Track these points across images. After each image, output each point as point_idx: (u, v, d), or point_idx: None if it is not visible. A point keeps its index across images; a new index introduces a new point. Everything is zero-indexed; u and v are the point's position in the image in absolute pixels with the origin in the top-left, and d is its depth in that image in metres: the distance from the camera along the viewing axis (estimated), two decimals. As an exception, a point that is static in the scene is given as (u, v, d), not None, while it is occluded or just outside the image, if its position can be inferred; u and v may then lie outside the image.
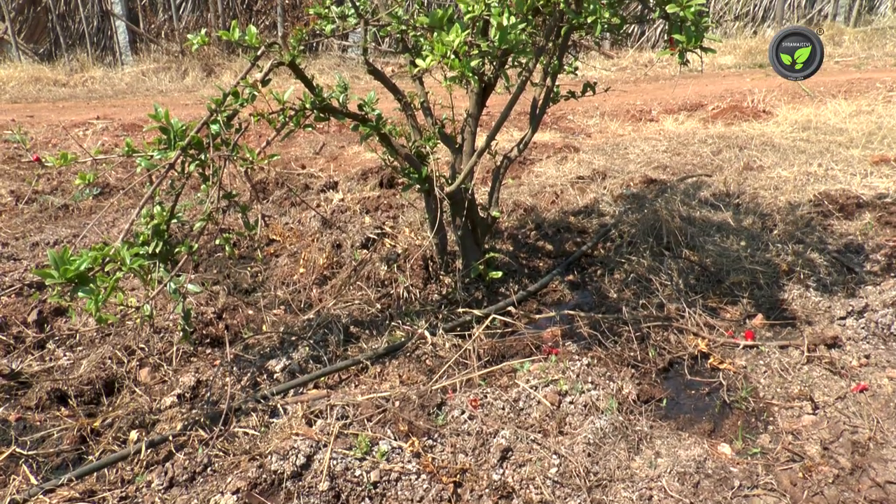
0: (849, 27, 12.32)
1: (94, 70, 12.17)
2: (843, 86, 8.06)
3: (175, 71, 12.01)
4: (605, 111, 7.52)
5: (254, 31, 2.29)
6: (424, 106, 3.17)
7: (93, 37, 13.10)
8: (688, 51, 2.26)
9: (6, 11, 12.53)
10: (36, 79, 11.45)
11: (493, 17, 2.09)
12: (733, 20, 12.97)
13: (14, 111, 8.89)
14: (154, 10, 13.00)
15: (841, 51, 11.41)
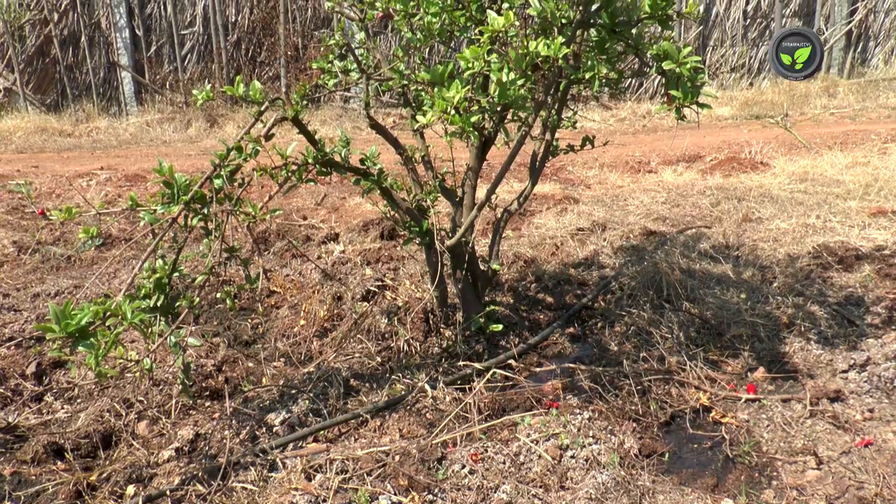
0: (843, 79, 12.51)
1: (100, 120, 12.33)
2: (838, 137, 8.15)
3: (179, 121, 12.17)
4: (604, 162, 7.59)
5: (258, 87, 2.33)
6: (425, 159, 3.21)
7: (99, 87, 13.30)
8: (684, 106, 2.29)
9: (16, 63, 12.75)
10: (42, 129, 11.59)
11: (493, 72, 2.13)
12: (729, 72, 13.18)
13: (19, 161, 8.98)
14: (160, 62, 13.23)
15: (836, 102, 11.57)
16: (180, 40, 13.07)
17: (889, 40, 13.05)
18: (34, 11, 12.86)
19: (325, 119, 11.54)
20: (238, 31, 12.97)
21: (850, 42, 12.88)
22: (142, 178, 7.37)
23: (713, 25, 13.02)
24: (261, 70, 13.08)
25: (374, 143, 3.15)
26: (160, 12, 13.10)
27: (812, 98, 11.73)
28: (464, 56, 1.96)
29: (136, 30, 13.05)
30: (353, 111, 12.02)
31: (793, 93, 11.91)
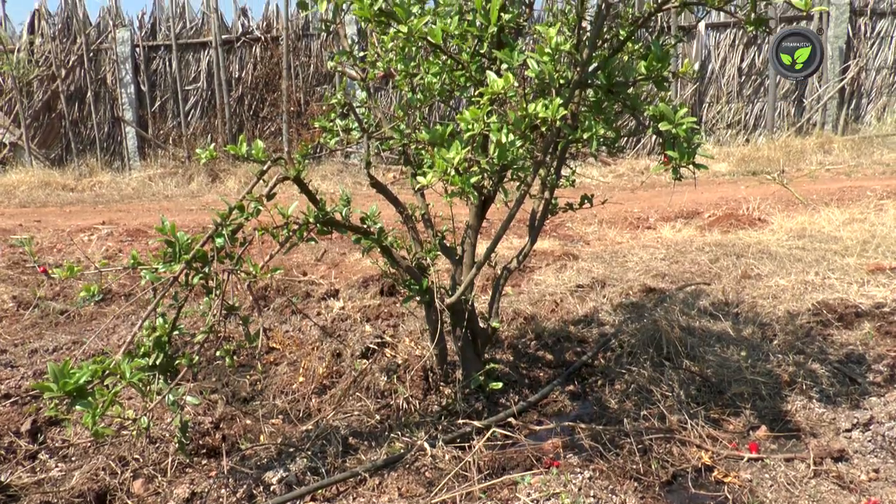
0: (837, 135, 12.67)
1: (103, 175, 12.45)
2: (834, 194, 8.22)
3: (181, 176, 12.29)
4: (603, 218, 7.64)
5: (260, 146, 2.36)
6: (425, 217, 3.24)
7: (103, 142, 13.48)
8: (681, 166, 2.32)
9: (23, 118, 12.93)
10: (45, 183, 11.70)
11: (493, 132, 2.16)
12: (725, 128, 13.35)
13: (22, 216, 9.03)
14: (163, 117, 13.42)
15: (831, 158, 11.70)
16: (184, 96, 13.28)
17: (881, 97, 13.26)
18: (42, 68, 13.10)
19: (325, 174, 11.65)
20: (241, 86, 13.18)
21: (843, 99, 13.09)
22: (143, 233, 7.41)
23: (709, 82, 13.25)
24: (263, 125, 13.25)
25: (374, 198, 3.18)
26: (165, 68, 13.34)
27: (808, 154, 11.86)
28: (464, 117, 1.99)
29: (141, 85, 13.27)
30: (353, 166, 12.15)
31: (788, 149, 12.05)
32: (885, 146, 12.10)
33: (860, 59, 13.02)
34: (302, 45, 13.00)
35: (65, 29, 13.26)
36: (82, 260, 6.27)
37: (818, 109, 12.93)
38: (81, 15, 13.18)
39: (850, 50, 13.02)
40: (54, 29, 13.17)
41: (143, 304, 4.95)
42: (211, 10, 12.90)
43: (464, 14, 2.67)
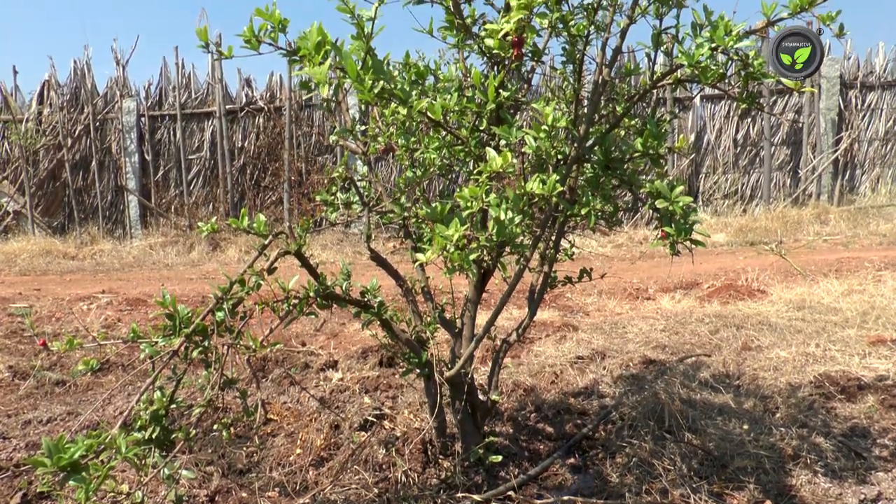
0: (833, 206, 12.80)
1: (104, 243, 12.52)
2: (833, 265, 8.25)
3: (182, 245, 12.35)
4: (602, 289, 7.65)
5: (262, 221, 2.39)
6: (425, 290, 3.25)
7: (105, 211, 13.59)
8: (678, 242, 2.35)
9: (27, 187, 13.07)
10: (47, 251, 11.75)
11: (492, 208, 2.19)
12: (722, 199, 13.49)
13: (22, 284, 9.04)
14: (166, 186, 13.57)
15: (828, 229, 11.78)
16: (187, 165, 13.46)
17: (874, 168, 13.45)
18: (49, 137, 13.31)
19: (325, 243, 11.72)
20: (244, 156, 13.37)
21: (837, 170, 13.27)
22: (142, 302, 7.40)
23: (705, 153, 13.45)
24: (264, 194, 13.39)
25: (374, 267, 3.19)
26: (169, 137, 13.56)
27: (805, 224, 11.96)
28: (463, 195, 2.02)
29: (145, 154, 13.46)
30: (354, 235, 12.22)
31: (785, 219, 12.16)
32: (880, 217, 12.21)
33: (852, 130, 13.26)
34: (304, 115, 13.24)
35: (73, 99, 13.52)
36: (80, 329, 6.25)
37: (813, 180, 13.10)
38: (90, 85, 13.46)
39: (842, 121, 13.27)
40: (62, 99, 13.43)
41: (141, 374, 4.92)
42: (216, 81, 13.18)
43: (463, 90, 2.73)
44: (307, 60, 1.73)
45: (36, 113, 13.36)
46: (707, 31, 2.32)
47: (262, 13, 1.87)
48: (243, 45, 1.90)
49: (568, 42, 2.79)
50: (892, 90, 13.32)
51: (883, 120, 13.35)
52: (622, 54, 2.79)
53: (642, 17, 2.77)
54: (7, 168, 13.40)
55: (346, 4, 2.02)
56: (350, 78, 1.81)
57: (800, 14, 2.36)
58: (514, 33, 2.23)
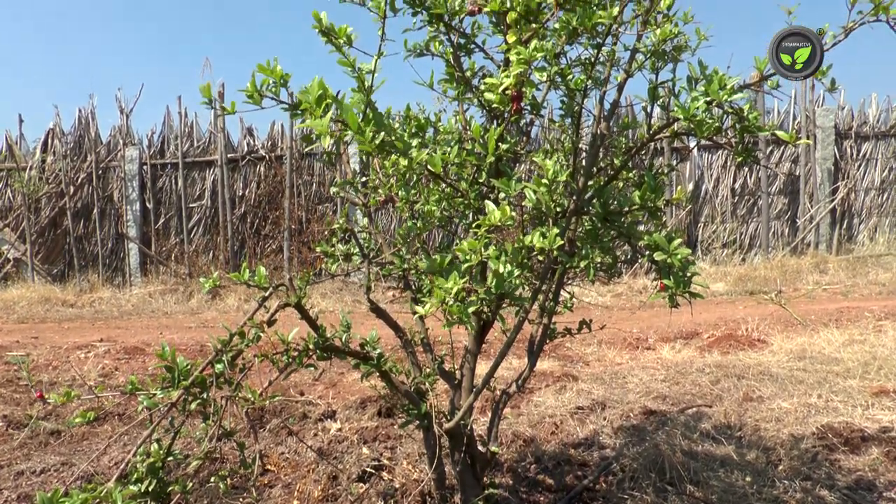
0: (832, 255, 12.84)
1: (103, 291, 12.51)
2: (832, 314, 8.24)
3: (181, 293, 12.34)
4: (602, 339, 7.62)
5: (263, 273, 2.40)
6: (424, 342, 3.24)
7: (106, 258, 13.61)
8: (677, 295, 2.35)
9: (29, 234, 13.12)
10: (46, 299, 11.73)
11: (491, 260, 2.20)
12: (721, 248, 13.53)
13: (20, 332, 9.01)
14: (167, 234, 13.61)
15: (827, 278, 11.79)
16: (188, 213, 13.53)
17: (871, 218, 13.53)
18: (52, 185, 13.40)
19: (325, 291, 11.71)
20: (244, 204, 13.44)
21: (834, 219, 13.34)
22: (141, 351, 7.37)
23: (703, 202, 13.53)
24: (264, 242, 13.43)
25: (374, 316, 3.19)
26: (171, 185, 13.64)
27: (804, 274, 11.97)
28: (462, 248, 2.04)
29: (146, 202, 13.53)
30: (353, 283, 12.22)
31: (784, 268, 12.17)
32: (879, 266, 12.23)
33: (849, 180, 13.37)
34: (305, 164, 13.35)
35: (76, 147, 13.65)
36: (77, 378, 6.21)
37: (811, 229, 13.15)
38: (93, 134, 13.60)
39: (838, 171, 13.38)
40: (66, 147, 13.56)
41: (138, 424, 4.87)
42: (218, 130, 13.33)
43: (463, 142, 2.77)
44: (309, 114, 1.76)
45: (39, 161, 13.48)
46: (702, 86, 2.36)
47: (265, 69, 1.91)
48: (246, 101, 1.93)
49: (566, 95, 2.83)
50: (886, 140, 13.47)
51: (878, 169, 13.48)
52: (620, 108, 2.83)
53: (639, 70, 2.82)
54: (9, 215, 13.46)
55: (347, 58, 2.06)
56: (351, 130, 1.84)
57: (793, 70, 2.40)
58: (513, 88, 2.27)
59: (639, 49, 2.62)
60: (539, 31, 2.58)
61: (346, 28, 1.99)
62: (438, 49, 2.92)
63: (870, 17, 2.20)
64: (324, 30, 1.96)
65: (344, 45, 2.00)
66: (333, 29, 1.97)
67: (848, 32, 2.25)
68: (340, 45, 1.98)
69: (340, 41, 1.97)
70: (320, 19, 1.94)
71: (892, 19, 2.15)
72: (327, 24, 1.97)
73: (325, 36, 1.98)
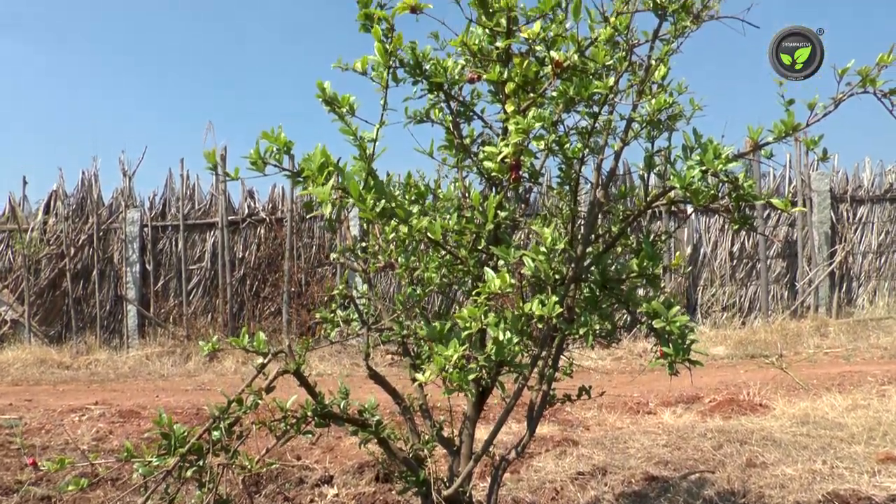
0: (832, 318, 12.80)
1: (100, 353, 12.43)
2: (835, 378, 8.18)
3: (179, 355, 12.27)
4: (602, 403, 7.55)
5: (262, 339, 2.40)
6: (423, 408, 3.22)
7: (104, 320, 13.56)
8: (676, 362, 2.35)
9: (27, 296, 13.10)
10: (41, 360, 11.65)
11: (490, 327, 2.20)
12: (721, 311, 13.50)
13: (13, 394, 8.92)
14: (166, 295, 13.60)
15: (828, 342, 11.74)
16: (188, 275, 13.54)
17: (870, 281, 13.55)
18: (53, 246, 13.45)
19: (323, 354, 11.63)
20: (244, 266, 13.47)
21: (833, 282, 13.35)
22: (136, 414, 7.29)
23: (702, 265, 13.56)
24: (263, 305, 13.40)
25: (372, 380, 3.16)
26: (171, 247, 13.69)
27: (804, 337, 11.92)
28: (462, 316, 2.04)
29: (146, 264, 13.56)
30: (352, 347, 12.15)
31: (785, 332, 12.13)
32: (880, 329, 12.19)
33: (846, 243, 13.43)
34: (305, 226, 13.42)
35: (78, 209, 13.74)
36: (70, 442, 6.12)
37: (810, 293, 13.15)
38: (96, 196, 13.71)
39: (835, 234, 13.46)
40: (68, 209, 13.65)
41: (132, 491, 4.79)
42: (219, 192, 13.44)
43: (462, 210, 2.80)
44: (311, 181, 1.79)
45: (41, 222, 13.56)
46: (697, 155, 2.41)
47: (269, 136, 1.95)
48: (249, 167, 1.96)
49: (564, 162, 2.88)
50: (881, 204, 13.59)
51: (875, 233, 13.55)
52: (617, 175, 2.88)
53: (635, 139, 2.87)
54: (8, 276, 13.47)
55: (349, 127, 2.10)
56: (353, 198, 1.86)
57: (784, 138, 2.45)
58: (511, 157, 2.31)
59: (634, 118, 2.67)
60: (537, 100, 2.64)
61: (348, 97, 2.03)
62: (438, 116, 2.98)
63: (858, 88, 2.25)
64: (327, 99, 2.01)
65: (346, 114, 2.05)
66: (336, 98, 2.01)
67: (837, 103, 2.30)
68: (343, 114, 2.03)
69: (343, 110, 2.02)
70: (324, 89, 1.99)
71: (878, 91, 2.20)
72: (331, 94, 2.01)
73: (328, 105, 2.02)
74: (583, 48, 2.58)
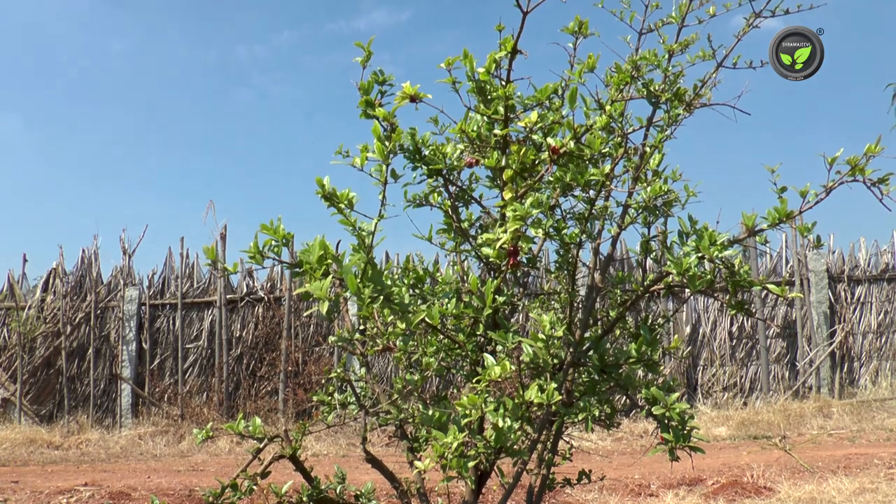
0: (835, 399, 12.66)
1: (92, 432, 12.23)
2: (840, 461, 8.04)
3: (172, 434, 12.07)
4: (603, 485, 7.40)
5: (258, 423, 2.37)
6: (420, 492, 3.16)
7: (97, 399, 13.39)
8: (677, 448, 2.32)
9: (20, 374, 12.97)
10: (31, 440, 11.45)
11: (489, 413, 2.19)
12: (722, 391, 13.37)
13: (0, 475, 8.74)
14: (161, 374, 13.47)
15: (832, 423, 11.59)
16: (184, 354, 13.44)
17: (872, 361, 13.46)
18: (49, 324, 13.39)
19: (320, 435, 11.44)
20: (241, 345, 13.39)
21: (835, 362, 13.27)
22: (126, 496, 7.12)
23: (701, 345, 13.50)
24: (259, 384, 13.26)
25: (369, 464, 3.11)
26: (168, 326, 13.63)
27: (807, 418, 11.78)
28: (462, 404, 2.03)
29: (143, 343, 13.48)
30: (349, 427, 11.97)
31: (787, 412, 11.99)
32: (884, 410, 12.06)
33: (845, 323, 13.41)
34: (303, 305, 13.40)
35: (77, 287, 13.74)
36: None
37: (812, 373, 13.06)
38: (95, 274, 13.73)
39: (834, 314, 13.45)
40: (67, 287, 13.65)
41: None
42: (219, 273, 13.47)
43: (460, 294, 2.81)
44: (309, 276, 1.80)
45: (39, 300, 13.54)
46: (693, 241, 2.44)
47: (268, 229, 1.98)
48: (248, 261, 1.98)
49: (561, 247, 2.91)
50: (878, 284, 13.62)
51: (874, 313, 13.55)
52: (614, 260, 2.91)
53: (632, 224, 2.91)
54: (2, 355, 13.37)
55: (348, 219, 2.13)
56: (350, 291, 1.88)
57: (778, 225, 2.49)
58: (509, 243, 2.34)
59: (630, 205, 2.72)
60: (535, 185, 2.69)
61: (347, 193, 2.07)
62: (437, 200, 3.03)
63: (848, 177, 2.30)
64: (326, 195, 2.05)
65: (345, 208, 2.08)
66: (336, 193, 2.05)
67: (829, 191, 2.35)
68: (342, 208, 2.06)
69: (342, 205, 2.05)
70: (323, 185, 2.03)
71: (868, 180, 2.25)
72: (330, 189, 2.05)
73: (327, 200, 2.06)
74: (579, 135, 2.64)
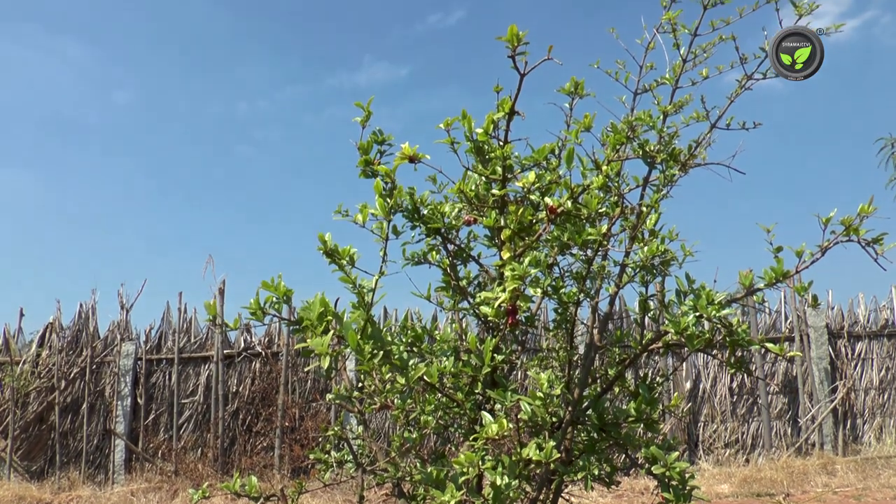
0: (839, 456, 12.51)
1: (83, 489, 12.03)
2: (845, 521, 7.92)
3: (165, 491, 11.87)
4: (604, 547, 7.27)
5: (254, 483, 2.35)
6: (418, 554, 3.11)
7: (90, 455, 13.20)
8: (679, 510, 2.30)
9: (12, 430, 12.82)
10: (20, 497, 11.27)
11: (487, 470, 2.17)
12: (724, 447, 13.21)
13: (-9, 536, 8.57)
14: (156, 430, 13.30)
15: (836, 480, 11.42)
16: (180, 409, 13.30)
17: (875, 418, 13.34)
18: (44, 379, 13.28)
19: (315, 492, 11.27)
20: (238, 400, 13.25)
21: (837, 419, 13.14)
22: (118, 558, 6.97)
23: (702, 401, 13.38)
24: (255, 440, 13.09)
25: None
26: (164, 381, 13.52)
27: (811, 475, 11.61)
28: (460, 461, 2.02)
29: (138, 398, 13.34)
30: (345, 483, 11.79)
31: (790, 470, 11.82)
32: (889, 468, 11.90)
33: (847, 380, 13.32)
34: (301, 361, 13.33)
35: (73, 342, 13.67)
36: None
37: (814, 429, 12.92)
38: (92, 328, 13.67)
39: (835, 370, 13.37)
40: (63, 342, 13.58)
41: None
42: (217, 328, 13.43)
43: (459, 352, 2.81)
44: (310, 332, 1.81)
45: (34, 355, 13.46)
46: (690, 300, 2.45)
47: (269, 286, 1.99)
48: (249, 317, 1.99)
49: (559, 305, 2.92)
50: (879, 340, 13.59)
51: (875, 369, 13.48)
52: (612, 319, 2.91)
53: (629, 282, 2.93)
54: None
55: (349, 276, 2.15)
56: (350, 347, 1.88)
57: (775, 285, 2.50)
58: (508, 302, 2.35)
59: (627, 264, 2.74)
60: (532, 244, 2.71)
61: (348, 249, 2.09)
62: (435, 258, 3.05)
63: (842, 237, 2.33)
64: (328, 251, 2.07)
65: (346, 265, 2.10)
66: (337, 250, 2.07)
67: (824, 251, 2.37)
68: (343, 265, 2.08)
69: (343, 261, 2.07)
70: (325, 241, 2.05)
71: (862, 239, 2.28)
72: (331, 246, 2.07)
73: (329, 257, 2.08)
74: (576, 194, 2.68)
